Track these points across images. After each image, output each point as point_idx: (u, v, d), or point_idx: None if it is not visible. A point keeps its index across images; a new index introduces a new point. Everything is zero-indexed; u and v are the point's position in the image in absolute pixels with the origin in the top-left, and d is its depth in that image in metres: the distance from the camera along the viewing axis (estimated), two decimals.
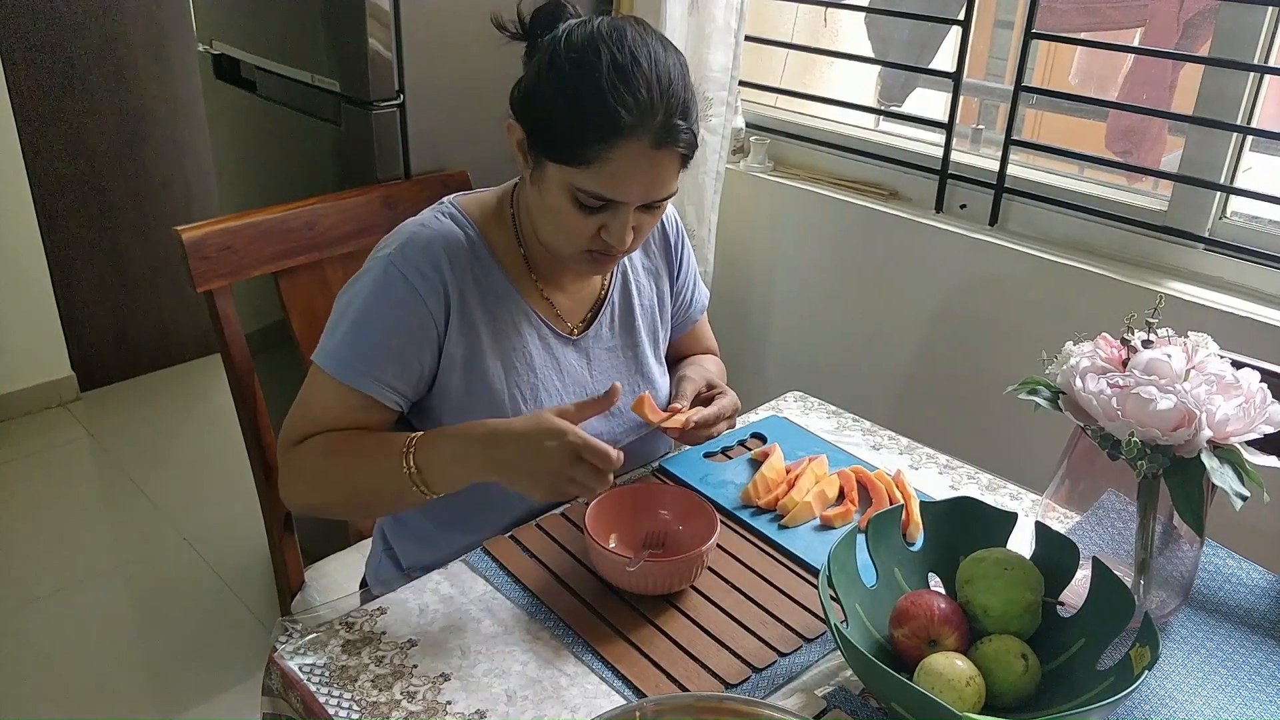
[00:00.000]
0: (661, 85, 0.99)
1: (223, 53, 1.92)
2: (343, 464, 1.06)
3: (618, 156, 0.99)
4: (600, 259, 1.09)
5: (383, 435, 1.07)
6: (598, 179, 1.00)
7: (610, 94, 0.97)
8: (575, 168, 1.00)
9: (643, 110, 0.98)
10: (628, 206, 1.03)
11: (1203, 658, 0.97)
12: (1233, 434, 0.87)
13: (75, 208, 2.88)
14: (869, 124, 2.12)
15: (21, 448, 2.77)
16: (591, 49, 0.99)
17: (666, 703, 0.80)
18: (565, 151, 1.00)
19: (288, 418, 1.10)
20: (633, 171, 1.00)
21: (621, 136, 0.98)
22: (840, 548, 0.93)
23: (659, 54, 1.01)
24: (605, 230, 1.04)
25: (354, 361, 1.06)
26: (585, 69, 0.98)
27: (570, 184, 1.01)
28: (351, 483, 1.06)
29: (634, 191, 1.02)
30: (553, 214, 1.05)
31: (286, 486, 1.10)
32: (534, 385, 1.15)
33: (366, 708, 0.87)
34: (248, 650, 2.09)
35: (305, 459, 1.07)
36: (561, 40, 1.01)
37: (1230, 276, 1.57)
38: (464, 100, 1.69)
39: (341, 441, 1.07)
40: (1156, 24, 2.46)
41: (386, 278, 1.07)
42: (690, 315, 1.36)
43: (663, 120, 0.99)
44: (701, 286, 1.38)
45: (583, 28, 1.02)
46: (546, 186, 1.04)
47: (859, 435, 1.37)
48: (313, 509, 1.12)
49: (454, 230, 1.11)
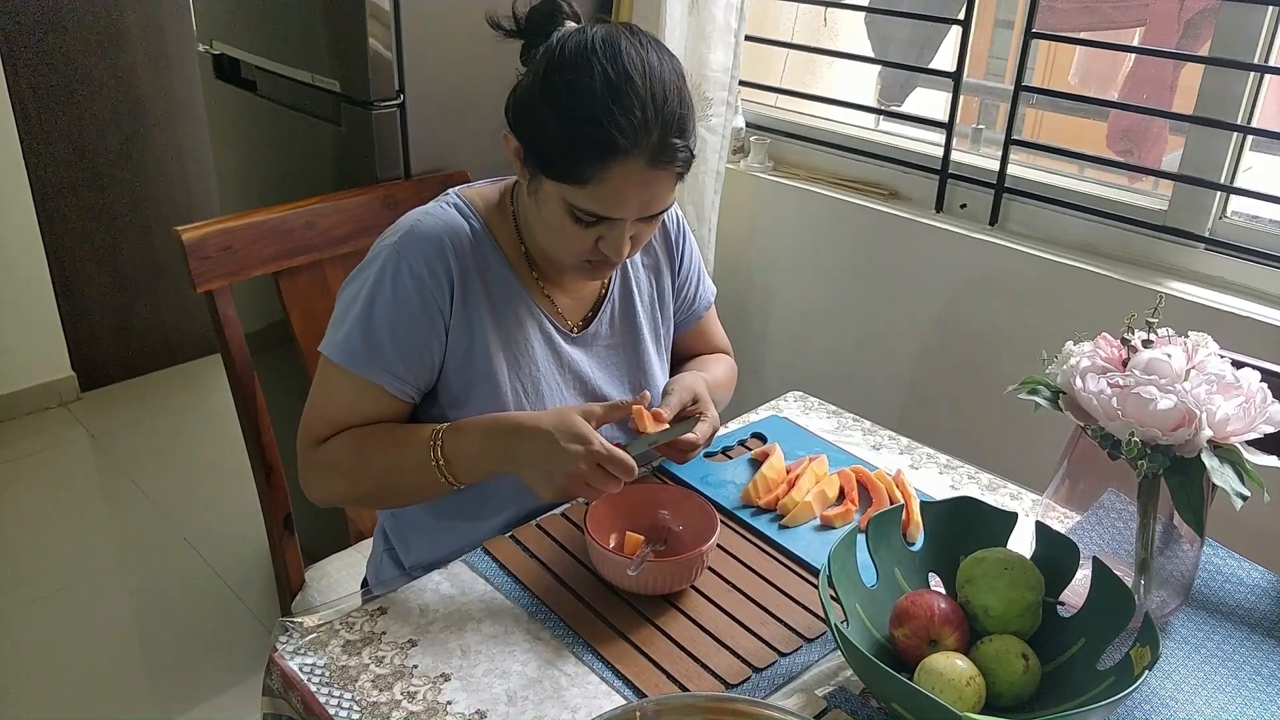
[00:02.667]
0: (656, 103, 0.98)
1: (223, 53, 1.92)
2: (372, 459, 1.07)
3: (612, 176, 0.98)
4: (598, 267, 1.09)
5: (410, 427, 1.09)
6: (593, 198, 1.00)
7: (604, 117, 0.96)
8: (570, 185, 1.00)
9: (637, 131, 0.97)
10: (624, 221, 1.03)
11: (1203, 658, 0.97)
12: (1233, 434, 0.87)
13: (75, 208, 2.88)
14: (869, 124, 2.12)
15: (21, 448, 2.77)
16: (584, 65, 0.97)
17: (666, 703, 0.80)
18: (560, 170, 1.00)
19: (305, 415, 1.11)
20: (628, 190, 1.00)
21: (616, 158, 0.97)
22: (840, 548, 0.93)
23: (654, 67, 0.99)
24: (602, 241, 1.05)
25: (365, 353, 1.06)
26: (579, 90, 0.97)
27: (566, 200, 1.01)
28: (382, 476, 1.08)
29: (630, 208, 1.02)
30: (550, 226, 1.06)
31: (313, 483, 1.12)
32: (535, 379, 1.15)
33: (367, 708, 0.87)
34: (248, 650, 2.09)
35: (334, 455, 1.08)
36: (555, 53, 1.00)
37: (1230, 276, 1.57)
38: (464, 100, 1.69)
39: (369, 436, 1.08)
40: (1157, 24, 2.46)
41: (391, 268, 1.07)
42: (695, 311, 1.35)
43: (658, 139, 0.98)
44: (708, 281, 1.36)
45: (576, 38, 1.00)
46: (543, 200, 1.04)
47: (859, 435, 1.37)
48: (340, 502, 1.14)
49: (459, 220, 1.11)
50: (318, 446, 1.10)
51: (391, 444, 1.07)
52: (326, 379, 1.10)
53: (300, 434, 1.11)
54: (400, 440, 1.07)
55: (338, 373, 1.08)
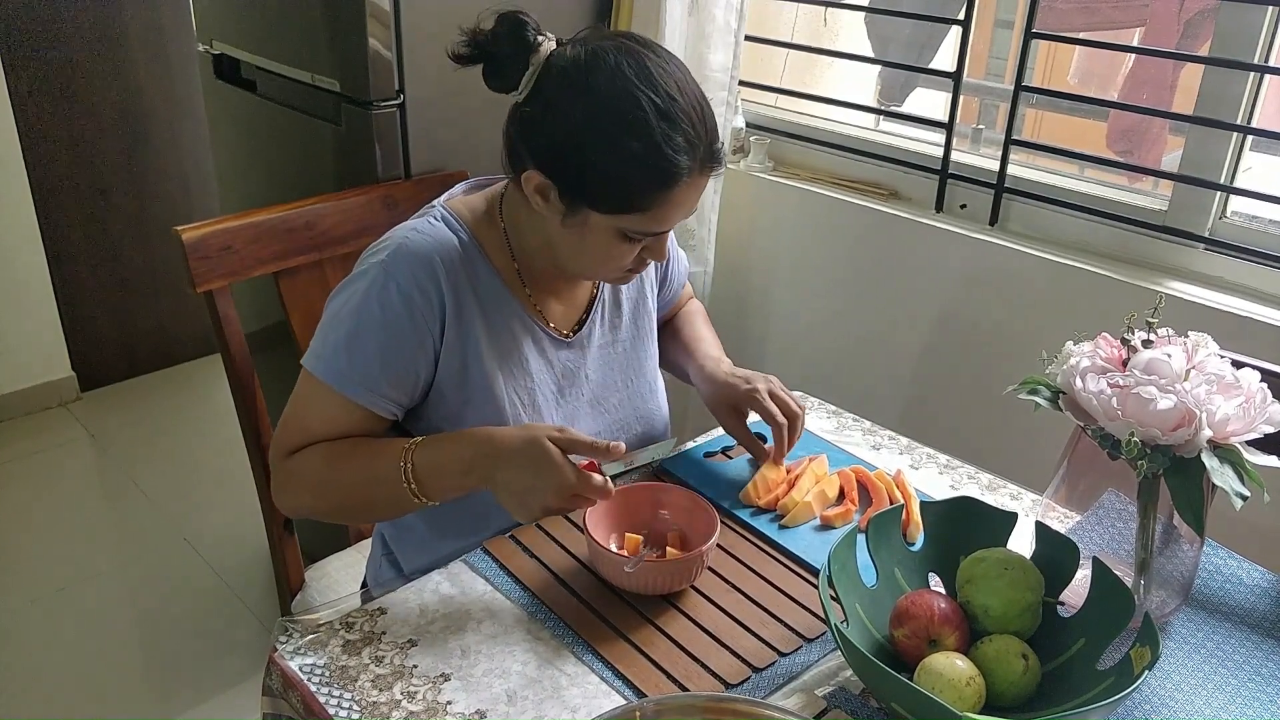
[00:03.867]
0: (698, 116, 1.00)
1: (223, 53, 1.92)
2: (342, 472, 1.06)
3: (674, 198, 1.01)
4: (636, 271, 1.13)
5: (382, 442, 1.07)
6: (654, 220, 1.02)
7: (666, 144, 0.97)
8: (629, 214, 1.01)
9: (693, 148, 1.00)
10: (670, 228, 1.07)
11: (1203, 658, 0.97)
12: (1233, 434, 0.87)
13: (75, 208, 2.88)
14: (869, 124, 2.12)
15: (21, 448, 2.77)
16: (627, 97, 0.97)
17: (666, 703, 0.80)
18: (620, 203, 1.01)
19: (280, 426, 1.10)
20: (686, 203, 1.03)
21: (681, 181, 1.00)
22: (840, 548, 0.93)
23: (682, 80, 1.01)
24: (647, 250, 1.08)
25: (350, 373, 1.05)
26: (633, 123, 0.97)
27: (620, 228, 1.03)
28: (351, 490, 1.06)
29: (681, 216, 1.05)
30: (595, 252, 1.06)
31: (283, 494, 1.11)
32: (530, 390, 1.15)
33: (367, 708, 0.87)
34: (248, 650, 2.09)
35: (304, 467, 1.07)
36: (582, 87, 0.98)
37: (1230, 276, 1.57)
38: (464, 100, 1.69)
39: (340, 449, 1.06)
40: (1156, 24, 2.46)
41: (379, 286, 1.05)
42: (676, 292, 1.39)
43: (706, 150, 1.02)
44: (681, 255, 1.40)
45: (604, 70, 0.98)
46: (590, 231, 1.04)
47: (859, 435, 1.37)
48: (309, 514, 1.13)
49: (448, 236, 1.09)
50: (289, 457, 1.08)
51: (361, 456, 1.06)
52: (307, 392, 1.08)
53: (273, 444, 1.10)
54: (370, 454, 1.05)
55: (319, 388, 1.06)
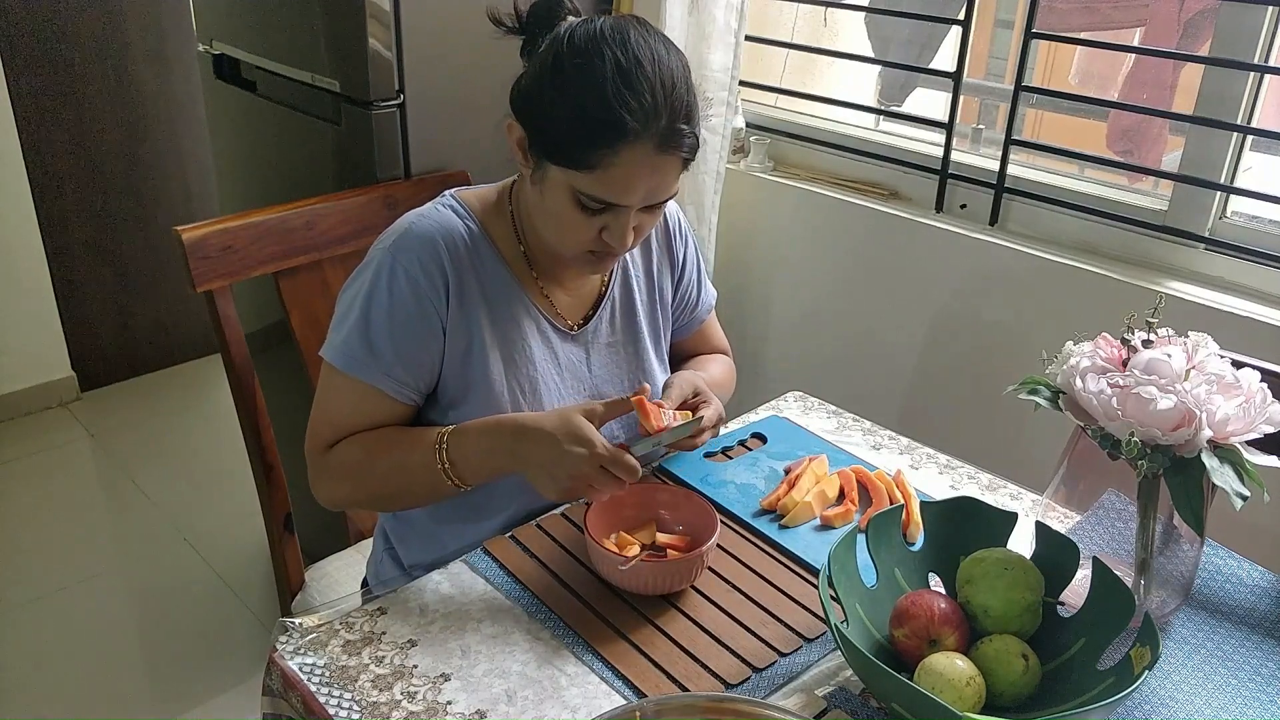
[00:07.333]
0: (665, 89, 0.99)
1: (223, 53, 1.92)
2: (379, 463, 1.08)
3: (621, 161, 0.98)
4: (601, 258, 1.10)
5: (416, 431, 1.09)
6: (600, 183, 1.00)
7: (615, 99, 0.96)
8: (578, 171, 1.00)
9: (647, 115, 0.97)
10: (629, 209, 1.03)
11: (1203, 658, 0.97)
12: (1233, 434, 0.87)
13: (75, 208, 2.88)
14: (869, 124, 2.12)
15: (21, 448, 2.77)
16: (595, 51, 0.98)
17: (666, 703, 0.80)
18: (568, 155, 1.00)
19: (311, 422, 1.12)
20: (635, 176, 1.00)
21: (625, 141, 0.98)
22: (840, 548, 0.93)
23: (662, 56, 1.00)
24: (606, 231, 1.05)
25: (364, 357, 1.07)
26: (589, 73, 0.98)
27: (572, 186, 1.01)
28: (388, 478, 1.09)
29: (636, 195, 1.02)
30: (554, 215, 1.05)
31: (323, 488, 1.13)
32: (533, 379, 1.15)
33: (367, 708, 0.87)
34: (248, 650, 2.09)
35: (343, 458, 1.09)
36: (564, 41, 1.00)
37: (1230, 276, 1.57)
38: (464, 100, 1.69)
39: (376, 441, 1.09)
40: (1157, 24, 2.46)
41: (386, 271, 1.07)
42: (697, 315, 1.35)
43: (666, 125, 0.99)
44: (709, 286, 1.37)
45: (585, 27, 1.01)
46: (548, 187, 1.04)
47: (859, 435, 1.37)
48: (347, 504, 1.16)
49: (454, 221, 1.11)
50: (326, 452, 1.11)
51: (397, 448, 1.08)
52: (329, 383, 1.10)
53: (308, 439, 1.12)
54: (406, 444, 1.08)
55: (339, 377, 1.08)
